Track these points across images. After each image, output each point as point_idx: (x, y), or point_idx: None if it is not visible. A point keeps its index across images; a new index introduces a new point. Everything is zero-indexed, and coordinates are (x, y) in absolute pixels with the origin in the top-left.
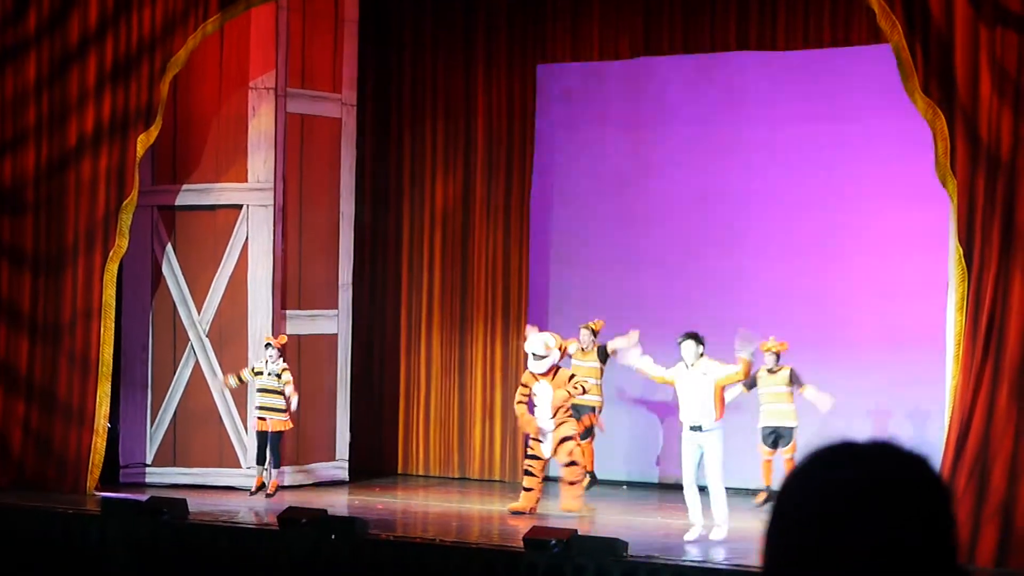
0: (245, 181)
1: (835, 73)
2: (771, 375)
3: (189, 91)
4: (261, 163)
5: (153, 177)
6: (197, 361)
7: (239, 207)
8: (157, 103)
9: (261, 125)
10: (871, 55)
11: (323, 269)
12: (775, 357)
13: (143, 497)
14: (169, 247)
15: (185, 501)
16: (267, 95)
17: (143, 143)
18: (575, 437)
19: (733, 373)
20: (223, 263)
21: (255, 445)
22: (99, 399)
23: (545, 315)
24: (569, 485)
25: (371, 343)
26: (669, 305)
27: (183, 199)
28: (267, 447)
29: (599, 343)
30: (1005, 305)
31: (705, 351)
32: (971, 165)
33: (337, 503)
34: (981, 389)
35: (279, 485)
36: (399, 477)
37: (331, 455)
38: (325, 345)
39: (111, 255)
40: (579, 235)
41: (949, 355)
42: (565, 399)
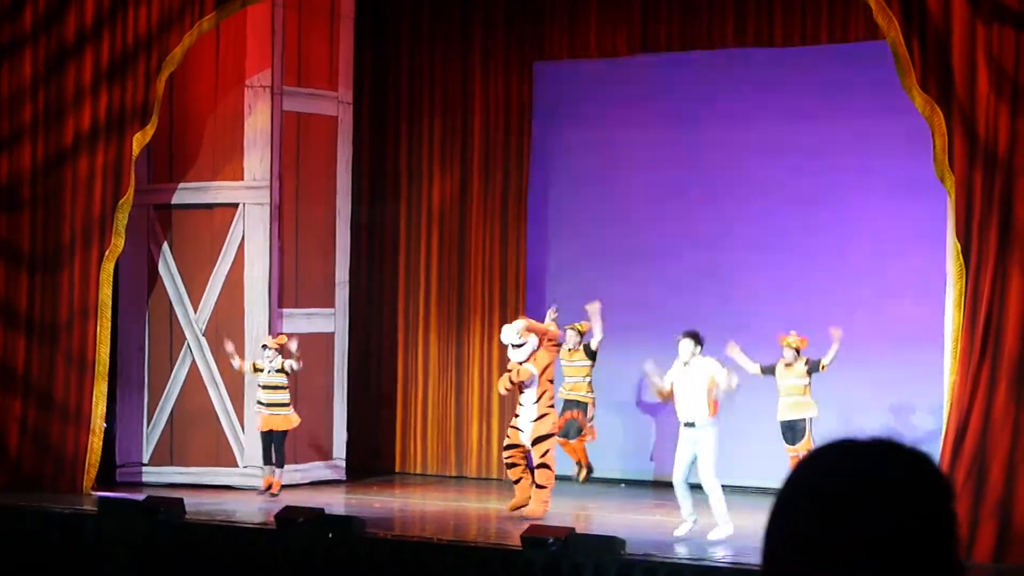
0: (241, 179)
1: (833, 69)
2: (788, 368)
3: (185, 89)
4: (257, 161)
5: (149, 175)
6: (194, 360)
7: (235, 205)
8: (153, 101)
9: (257, 123)
10: (868, 51)
11: (320, 267)
12: (794, 352)
13: (140, 496)
14: (165, 246)
15: (182, 500)
16: (263, 93)
17: (139, 141)
18: (552, 436)
19: (716, 381)
20: (219, 262)
21: (259, 445)
22: (96, 398)
23: (542, 312)
24: (538, 488)
25: (368, 341)
26: (667, 301)
27: (179, 197)
28: (271, 446)
29: (584, 341)
30: (1003, 302)
31: (703, 350)
32: (969, 162)
33: (334, 502)
34: (979, 386)
35: (281, 485)
36: (396, 476)
37: (328, 454)
38: (322, 344)
39: (107, 254)
40: (576, 232)
41: (947, 352)
42: (551, 375)
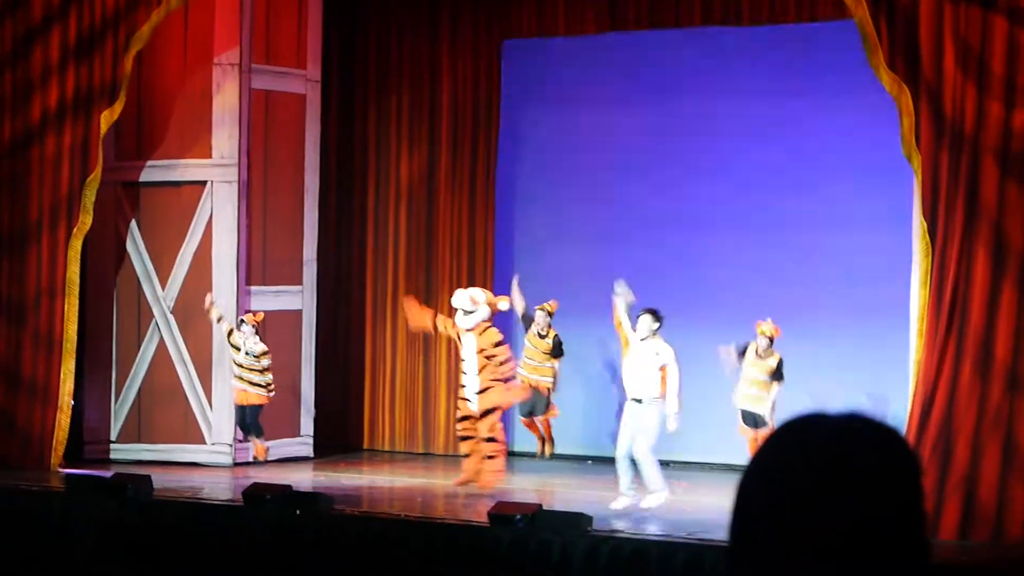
0: (209, 157)
1: (800, 48)
2: (759, 359)
3: (153, 67)
4: (225, 139)
5: (117, 153)
6: (161, 337)
7: (203, 183)
8: (121, 79)
9: (225, 101)
10: (836, 30)
11: (288, 245)
12: (768, 341)
13: (108, 473)
14: (133, 224)
15: (150, 477)
16: (231, 71)
17: (107, 119)
18: (499, 410)
19: (673, 374)
20: (187, 239)
21: (228, 422)
22: (63, 376)
23: (510, 289)
24: (488, 459)
25: (336, 319)
26: (635, 281)
27: (147, 175)
28: (245, 419)
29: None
30: (968, 280)
31: (660, 330)
32: (935, 140)
33: (302, 479)
34: (945, 363)
35: (267, 448)
36: (364, 452)
37: (296, 431)
38: (290, 321)
39: (75, 232)
40: (544, 209)
41: (913, 330)
42: (491, 354)
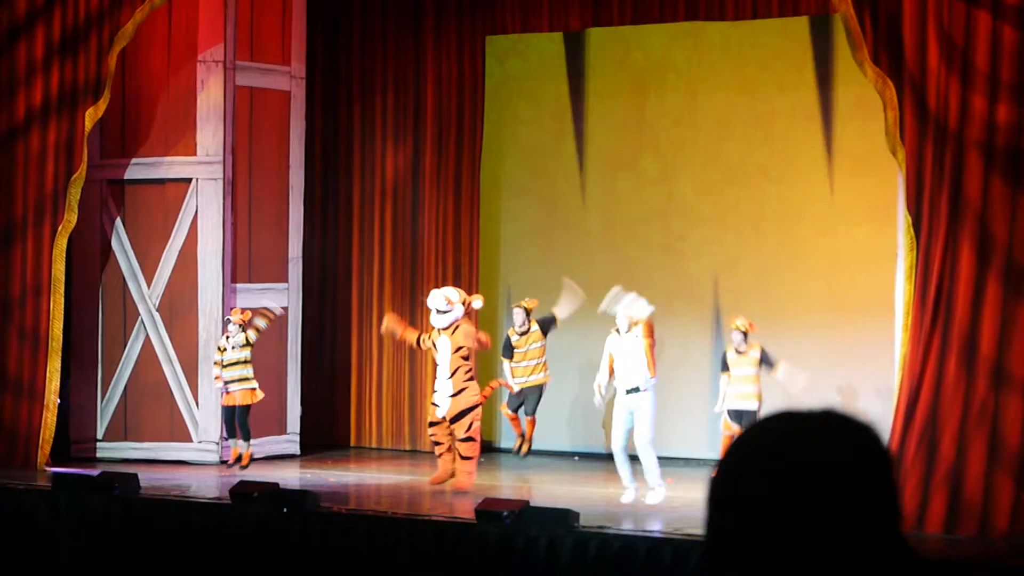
0: (194, 154)
1: (784, 43)
2: (740, 356)
3: (138, 64)
4: (210, 136)
5: (102, 151)
6: (147, 335)
7: (188, 181)
8: (105, 76)
9: (210, 98)
10: (820, 25)
11: (273, 242)
12: (742, 336)
13: (94, 472)
14: (118, 221)
15: (136, 475)
16: (216, 68)
17: (91, 117)
18: (476, 409)
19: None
20: (173, 237)
21: (215, 420)
22: (49, 374)
23: (495, 287)
24: (463, 460)
25: (322, 316)
26: (619, 275)
27: (132, 173)
28: (235, 421)
29: (536, 318)
30: (953, 274)
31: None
32: (920, 135)
33: (289, 476)
34: (930, 357)
35: (252, 456)
36: (352, 450)
37: (282, 429)
38: (276, 319)
39: (60, 230)
40: (529, 206)
41: (899, 323)
42: (466, 354)
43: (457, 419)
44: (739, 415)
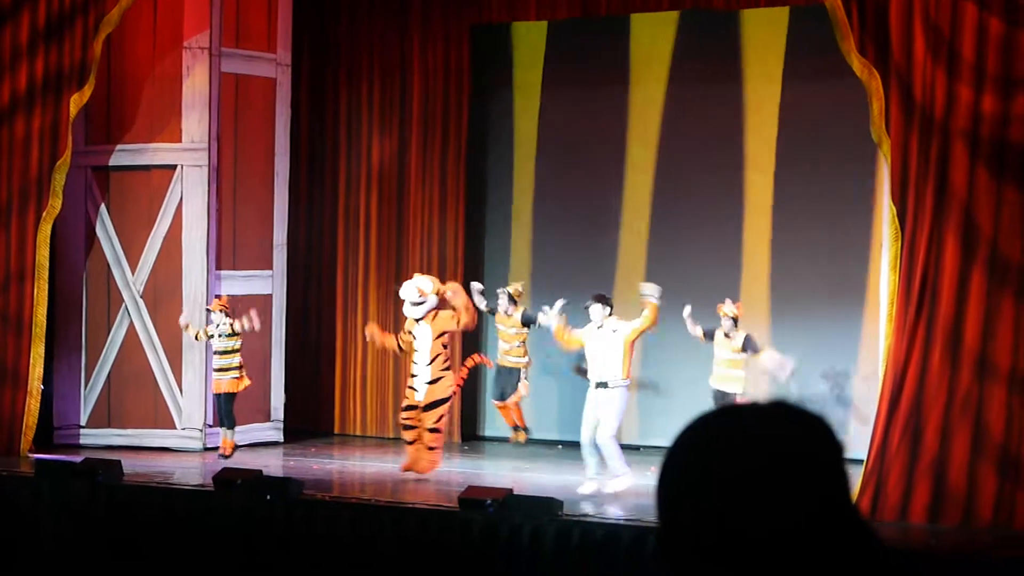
0: (179, 141)
1: (770, 32)
2: (727, 339)
3: (123, 51)
4: (195, 123)
5: (87, 137)
6: (131, 322)
7: (173, 167)
8: (90, 62)
9: (195, 85)
10: (806, 14)
11: (258, 229)
12: (732, 322)
13: (77, 458)
14: (103, 208)
15: (120, 462)
16: (201, 55)
17: (76, 103)
18: (447, 402)
19: (641, 321)
20: (157, 224)
21: (198, 407)
22: (33, 360)
23: (480, 274)
24: (429, 450)
25: (307, 303)
26: (601, 265)
27: (117, 159)
28: (221, 408)
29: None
30: (938, 265)
31: (612, 312)
32: (905, 125)
33: (272, 464)
34: (914, 347)
35: (235, 445)
36: (335, 437)
37: (266, 416)
38: (260, 305)
39: (44, 216)
40: (515, 196)
41: (883, 314)
42: (446, 341)
43: (429, 408)
44: (722, 396)
